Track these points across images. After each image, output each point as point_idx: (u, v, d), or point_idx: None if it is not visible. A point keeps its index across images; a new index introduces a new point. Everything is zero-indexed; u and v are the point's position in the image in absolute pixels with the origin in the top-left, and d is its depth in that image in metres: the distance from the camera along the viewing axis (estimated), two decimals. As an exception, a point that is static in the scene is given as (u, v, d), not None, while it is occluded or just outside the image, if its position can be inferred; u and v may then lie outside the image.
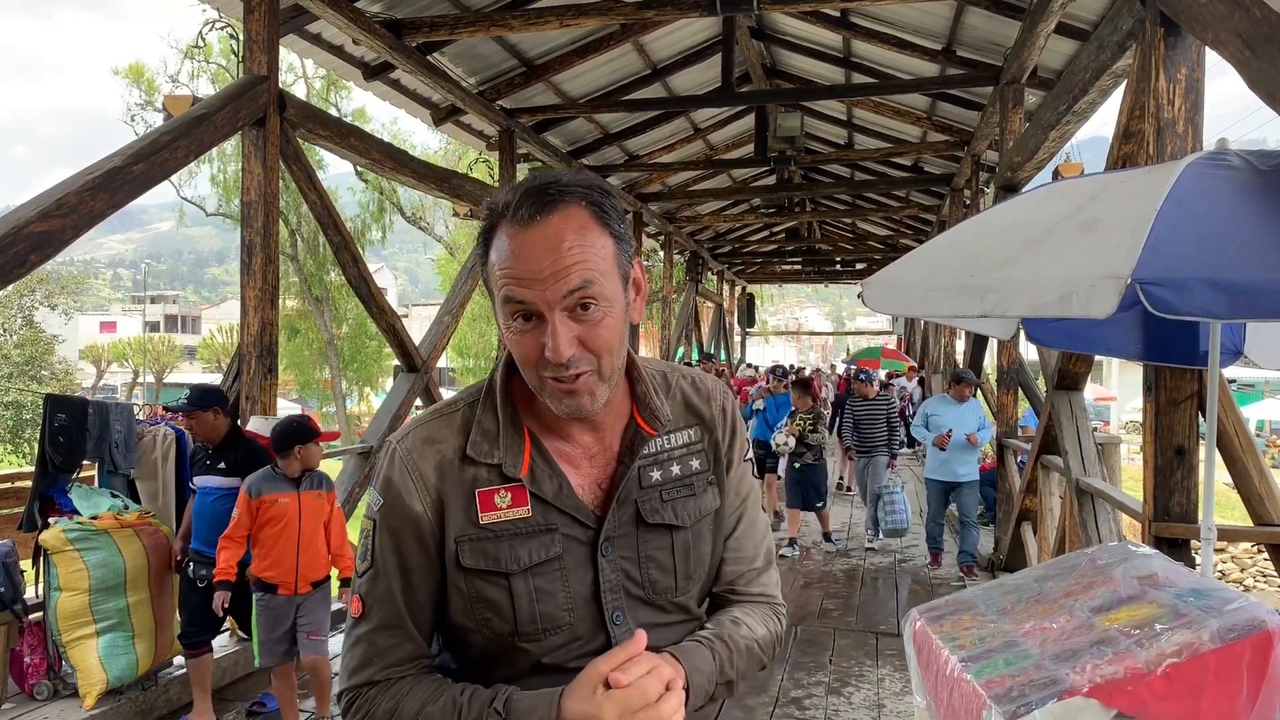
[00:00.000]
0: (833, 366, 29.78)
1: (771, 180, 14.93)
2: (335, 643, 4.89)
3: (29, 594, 4.84)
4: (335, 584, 4.77)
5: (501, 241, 1.19)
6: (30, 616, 4.69)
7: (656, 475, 1.33)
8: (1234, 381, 27.88)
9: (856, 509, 11.59)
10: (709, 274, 22.54)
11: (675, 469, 1.35)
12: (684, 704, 1.21)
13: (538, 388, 1.23)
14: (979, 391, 8.35)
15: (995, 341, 8.98)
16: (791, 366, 16.86)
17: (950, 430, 7.84)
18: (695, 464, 1.37)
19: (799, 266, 26.12)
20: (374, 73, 7.89)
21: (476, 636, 1.29)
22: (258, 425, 5.57)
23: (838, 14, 8.46)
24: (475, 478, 1.27)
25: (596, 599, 1.28)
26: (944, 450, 7.90)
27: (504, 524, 1.26)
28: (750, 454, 1.48)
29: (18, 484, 7.74)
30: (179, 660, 5.05)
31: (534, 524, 1.27)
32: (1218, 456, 3.80)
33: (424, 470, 1.28)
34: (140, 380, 49.23)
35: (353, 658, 1.30)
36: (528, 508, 1.26)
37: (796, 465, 8.62)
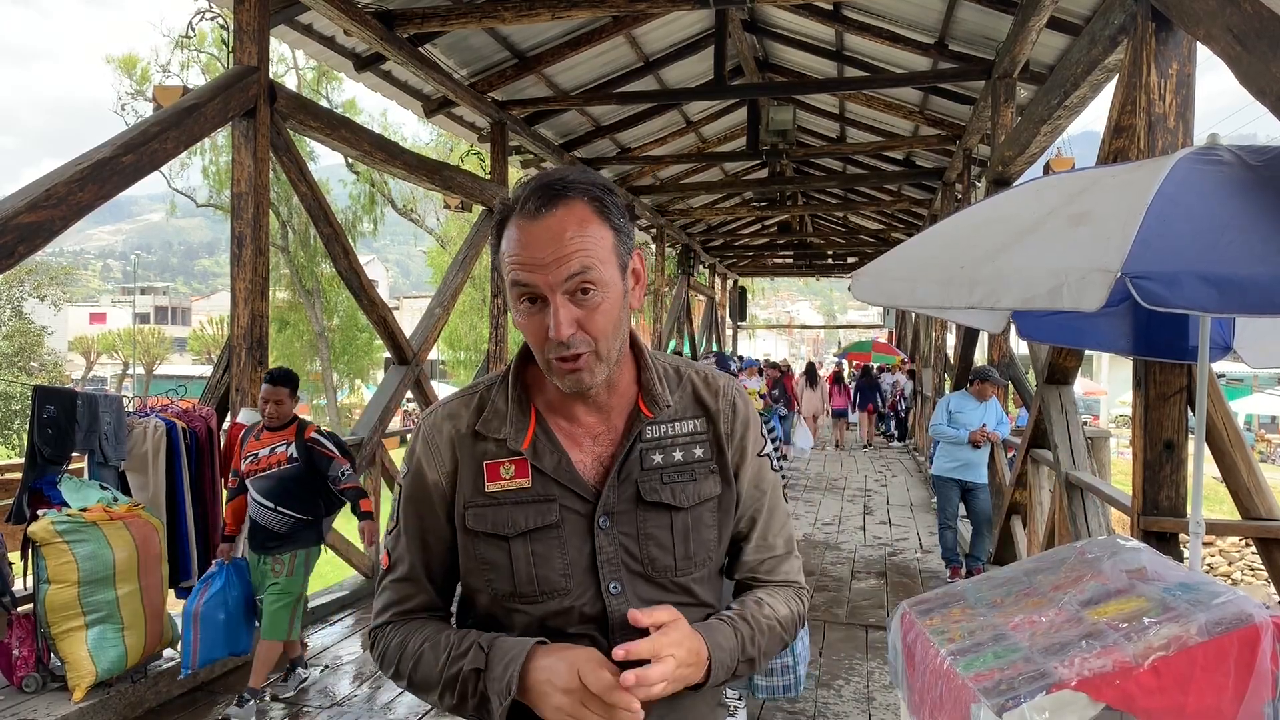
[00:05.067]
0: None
1: (763, 174, 14.92)
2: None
3: (17, 586, 4.83)
4: None
5: (511, 232, 1.33)
6: (19, 609, 4.67)
7: (658, 459, 1.44)
8: (1223, 376, 28.01)
9: (848, 502, 11.64)
10: (701, 267, 22.54)
11: (678, 454, 1.45)
12: (705, 677, 1.35)
13: (546, 367, 1.37)
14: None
15: (985, 335, 8.99)
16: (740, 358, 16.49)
17: (985, 425, 7.46)
18: (698, 452, 1.47)
19: (790, 260, 26.16)
20: (365, 64, 7.86)
21: (483, 597, 1.44)
22: (247, 417, 5.56)
23: (830, 7, 8.45)
24: (485, 451, 1.43)
25: (594, 569, 1.39)
26: (978, 449, 7.52)
27: (506, 492, 1.40)
28: (768, 449, 1.57)
29: (7, 476, 7.71)
30: (169, 653, 5.05)
31: (533, 494, 1.40)
32: (1206, 451, 3.82)
33: (440, 445, 1.45)
34: (130, 372, 49.07)
35: (379, 602, 1.51)
36: (529, 479, 1.40)
37: None
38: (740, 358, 25.95)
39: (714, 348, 23.22)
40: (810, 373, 19.14)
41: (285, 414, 4.81)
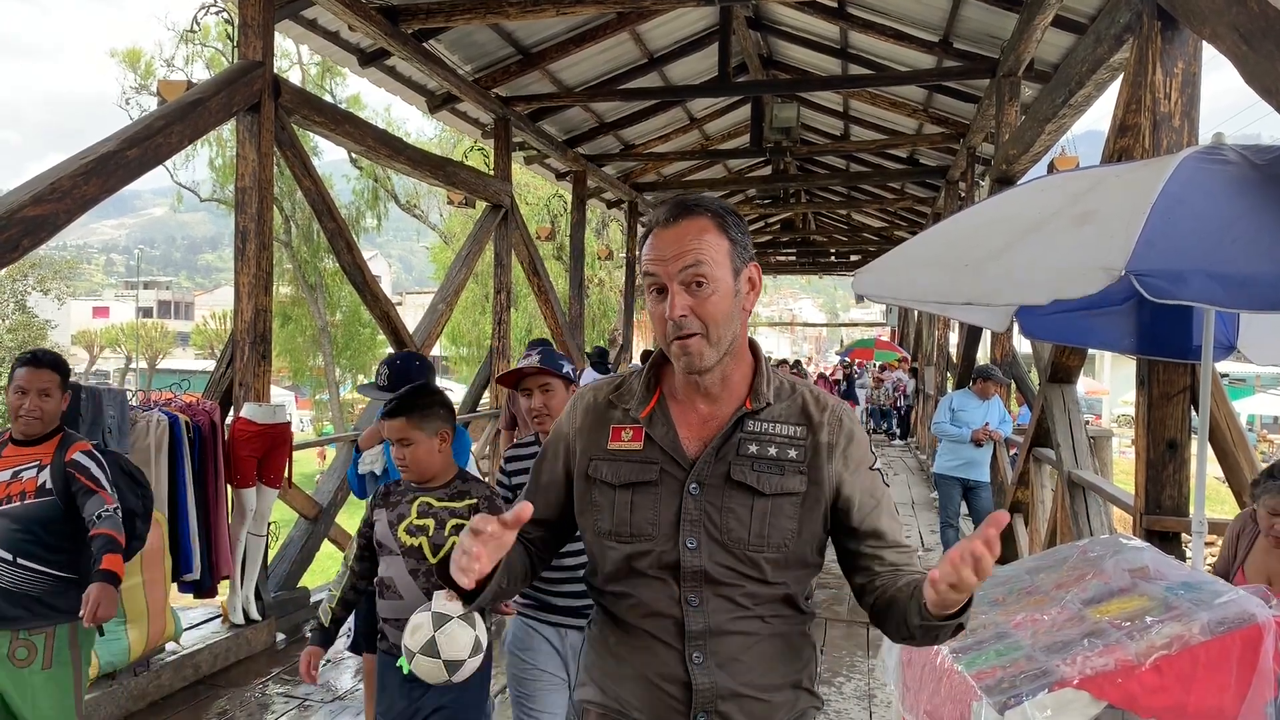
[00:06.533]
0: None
1: (767, 171, 14.89)
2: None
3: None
4: None
5: (649, 239, 1.66)
6: (22, 602, 4.67)
7: (753, 449, 1.67)
8: (1226, 376, 27.93)
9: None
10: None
11: (772, 450, 1.68)
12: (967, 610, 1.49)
13: (667, 348, 1.66)
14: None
15: (988, 333, 8.98)
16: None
17: (987, 424, 7.49)
18: (792, 453, 1.68)
19: (793, 258, 26.11)
20: (369, 59, 7.85)
21: (588, 533, 1.74)
22: (251, 412, 5.57)
23: (835, 5, 8.43)
24: (614, 418, 1.75)
25: (677, 525, 1.65)
26: (980, 446, 7.55)
27: (622, 451, 1.71)
28: (878, 465, 1.76)
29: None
30: (171, 646, 5.06)
31: (642, 455, 1.70)
32: (1209, 450, 3.82)
33: (579, 407, 1.81)
34: (133, 366, 49.12)
35: None
36: (641, 444, 1.71)
37: None
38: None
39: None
40: (797, 370, 19.33)
41: (50, 416, 3.24)
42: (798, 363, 20.38)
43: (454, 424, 2.98)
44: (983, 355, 9.56)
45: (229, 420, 5.68)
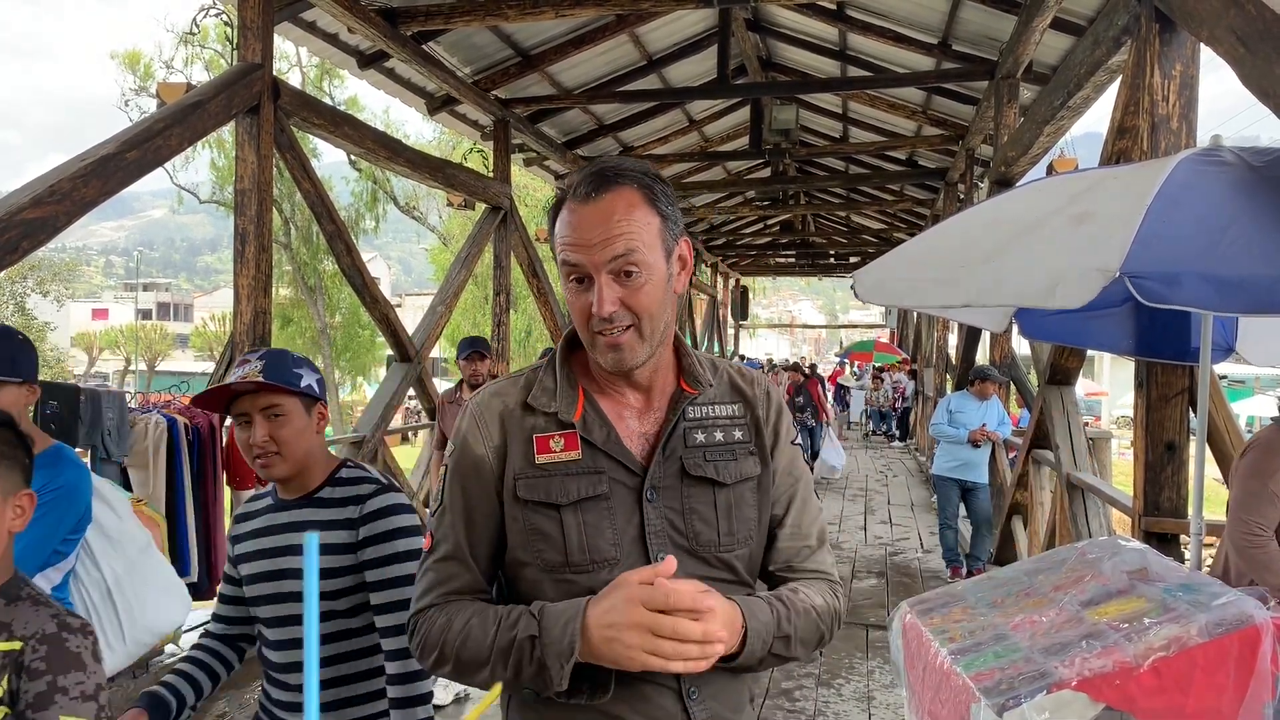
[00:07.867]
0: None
1: (766, 173, 14.91)
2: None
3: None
4: None
5: (564, 215, 1.39)
6: (21, 604, 4.67)
7: (701, 437, 1.48)
8: (1225, 378, 27.97)
9: (849, 501, 11.63)
10: (703, 266, 22.55)
11: (719, 435, 1.49)
12: (741, 646, 1.33)
13: (589, 344, 1.42)
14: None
15: (988, 335, 8.99)
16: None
17: (985, 424, 7.53)
18: (737, 434, 1.50)
19: (793, 260, 26.17)
20: (368, 61, 7.86)
21: (530, 571, 1.42)
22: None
23: (834, 7, 8.45)
24: (534, 425, 1.45)
25: (643, 540, 1.41)
26: (978, 447, 7.60)
27: (556, 464, 1.42)
28: (798, 439, 1.61)
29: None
30: (170, 649, 5.05)
31: (583, 465, 1.42)
32: (1208, 452, 3.82)
33: (489, 419, 1.46)
34: (132, 368, 49.11)
35: (420, 586, 1.46)
36: (578, 451, 1.42)
37: None
38: (743, 357, 25.98)
39: (715, 348, 23.23)
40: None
41: None
42: (772, 364, 20.26)
43: (18, 484, 1.62)
44: (982, 356, 9.57)
45: (228, 422, 5.68)
